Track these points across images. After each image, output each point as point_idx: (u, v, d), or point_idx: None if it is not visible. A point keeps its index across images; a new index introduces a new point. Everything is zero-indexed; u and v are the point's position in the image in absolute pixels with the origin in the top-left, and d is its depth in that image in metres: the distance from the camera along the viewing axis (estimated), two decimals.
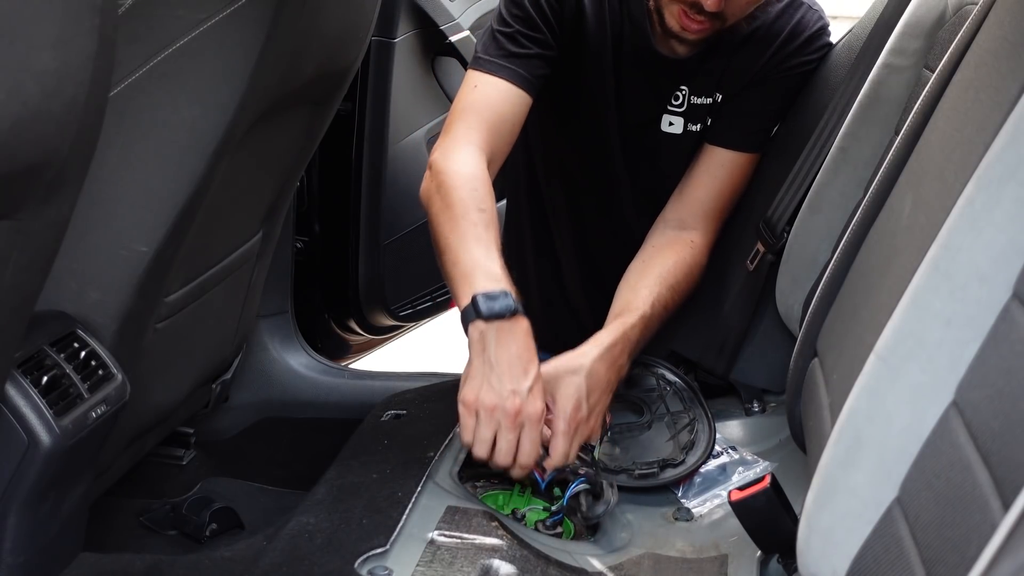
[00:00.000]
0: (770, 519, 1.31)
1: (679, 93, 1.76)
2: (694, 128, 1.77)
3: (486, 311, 1.40)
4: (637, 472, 1.53)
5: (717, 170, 1.76)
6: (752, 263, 1.71)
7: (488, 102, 1.64)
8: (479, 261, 1.45)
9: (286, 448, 2.13)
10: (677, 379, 1.68)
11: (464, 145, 1.60)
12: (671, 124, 1.77)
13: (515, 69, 1.64)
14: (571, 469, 1.44)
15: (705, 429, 1.60)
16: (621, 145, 1.80)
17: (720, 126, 1.77)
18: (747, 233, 1.75)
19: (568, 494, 1.43)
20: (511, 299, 1.41)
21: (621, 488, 1.48)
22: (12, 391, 1.29)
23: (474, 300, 1.41)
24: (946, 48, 1.32)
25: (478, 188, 1.54)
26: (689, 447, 1.57)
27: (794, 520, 1.21)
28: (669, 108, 1.77)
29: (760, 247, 1.70)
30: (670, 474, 1.54)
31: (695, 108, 1.76)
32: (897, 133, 1.47)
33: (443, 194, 1.54)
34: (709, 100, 1.76)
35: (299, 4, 1.45)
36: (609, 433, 1.58)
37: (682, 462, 1.55)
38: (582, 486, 1.43)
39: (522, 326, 1.41)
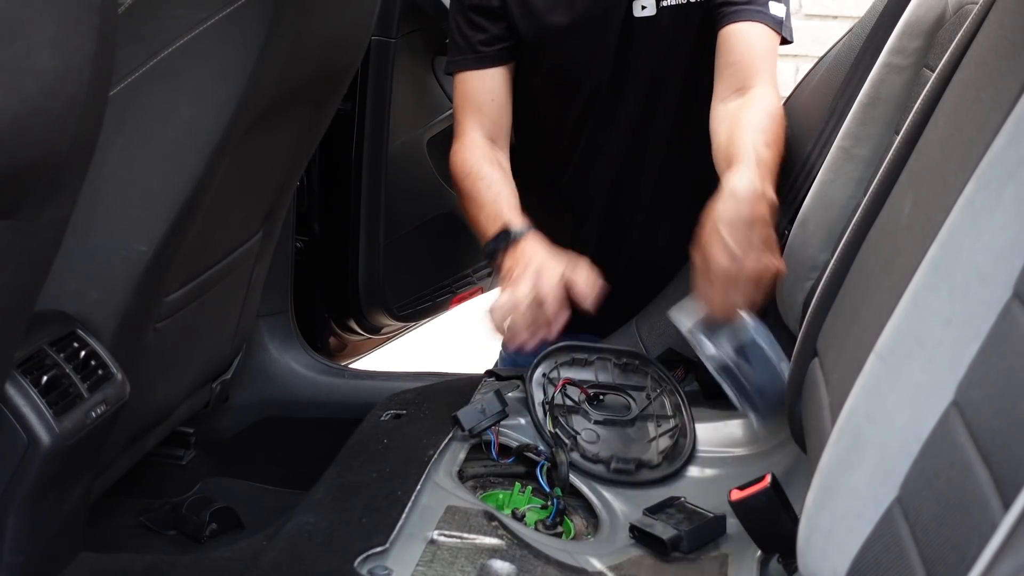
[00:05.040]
0: (770, 519, 1.31)
1: None
2: (668, 3, 1.80)
3: (488, 251, 1.72)
4: (613, 466, 1.54)
5: (742, 38, 1.75)
6: None
7: (471, 95, 1.87)
8: (485, 218, 1.75)
9: (286, 448, 2.13)
10: (670, 383, 1.68)
11: (463, 138, 1.86)
12: (644, 8, 1.81)
13: (478, 53, 1.85)
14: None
15: (687, 443, 1.60)
16: (603, 42, 1.82)
17: (720, 13, 1.76)
18: None
19: (540, 473, 1.52)
20: (507, 233, 1.68)
21: (594, 478, 1.54)
22: (12, 391, 1.29)
23: (484, 252, 1.74)
24: (946, 48, 1.32)
25: (475, 164, 1.81)
26: (668, 454, 1.58)
27: (794, 520, 1.21)
28: None
29: None
30: (645, 475, 1.55)
31: None
32: (897, 133, 1.46)
33: (456, 187, 1.85)
34: None
35: (299, 3, 1.45)
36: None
37: (658, 466, 1.56)
38: (545, 463, 1.54)
39: (518, 247, 1.66)
